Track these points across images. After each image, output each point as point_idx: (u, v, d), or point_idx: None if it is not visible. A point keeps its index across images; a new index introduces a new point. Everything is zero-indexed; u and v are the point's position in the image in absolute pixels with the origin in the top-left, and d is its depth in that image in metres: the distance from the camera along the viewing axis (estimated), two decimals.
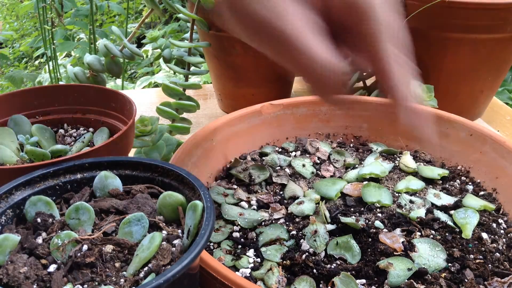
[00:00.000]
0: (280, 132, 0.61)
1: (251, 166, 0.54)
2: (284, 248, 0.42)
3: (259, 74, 0.73)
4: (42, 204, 0.36)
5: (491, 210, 0.48)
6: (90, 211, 0.35)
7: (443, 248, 0.42)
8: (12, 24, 3.11)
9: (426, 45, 0.67)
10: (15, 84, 1.62)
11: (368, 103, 0.61)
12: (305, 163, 0.55)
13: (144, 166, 0.40)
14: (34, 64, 2.56)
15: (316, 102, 0.61)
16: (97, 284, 0.30)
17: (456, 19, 0.62)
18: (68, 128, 0.58)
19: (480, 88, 0.71)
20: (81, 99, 0.57)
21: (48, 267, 0.32)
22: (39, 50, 2.20)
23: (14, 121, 0.54)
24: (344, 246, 0.42)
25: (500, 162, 0.51)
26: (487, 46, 0.65)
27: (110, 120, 0.57)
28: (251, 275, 0.40)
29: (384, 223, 0.45)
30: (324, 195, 0.50)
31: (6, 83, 2.17)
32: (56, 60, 1.26)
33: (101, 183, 0.39)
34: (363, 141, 0.62)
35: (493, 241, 0.44)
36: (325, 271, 0.39)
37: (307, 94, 0.85)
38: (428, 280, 0.39)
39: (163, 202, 0.36)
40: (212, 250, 0.43)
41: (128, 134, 0.48)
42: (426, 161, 0.57)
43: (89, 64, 0.58)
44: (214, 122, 0.55)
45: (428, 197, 0.49)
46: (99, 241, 0.33)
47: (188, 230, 0.33)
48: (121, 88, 1.47)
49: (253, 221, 0.46)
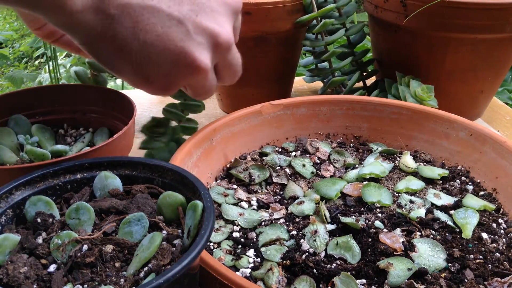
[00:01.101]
0: (280, 132, 0.61)
1: (251, 166, 0.54)
2: (284, 248, 0.42)
3: (259, 74, 0.73)
4: (42, 204, 0.36)
5: (491, 210, 0.48)
6: (90, 211, 0.35)
7: (443, 248, 0.42)
8: (12, 24, 3.11)
9: (426, 45, 0.67)
10: (15, 84, 1.62)
11: (368, 103, 0.61)
12: (305, 163, 0.55)
13: (144, 166, 0.40)
14: (34, 64, 2.56)
15: (316, 102, 0.61)
16: (97, 284, 0.30)
17: (456, 19, 0.62)
18: (68, 128, 0.58)
19: (480, 88, 0.71)
20: (81, 99, 0.57)
21: (48, 267, 0.32)
22: (39, 50, 2.20)
23: (14, 121, 0.54)
24: (344, 246, 0.42)
25: (500, 162, 0.51)
26: (487, 46, 0.65)
27: (110, 120, 0.57)
28: (251, 275, 0.40)
29: (384, 223, 0.45)
30: (324, 195, 0.50)
31: (6, 83, 2.16)
32: (56, 60, 1.26)
33: (101, 183, 0.39)
34: (363, 141, 0.62)
35: (493, 241, 0.44)
36: (325, 271, 0.39)
37: (307, 94, 0.85)
38: (428, 280, 0.39)
39: (163, 202, 0.36)
40: (212, 250, 0.43)
41: (128, 134, 0.48)
42: (426, 161, 0.57)
43: (90, 63, 0.58)
44: (214, 122, 0.55)
45: (428, 197, 0.49)
46: (99, 241, 0.33)
47: (188, 230, 0.33)
48: (121, 88, 1.47)
49: (253, 221, 0.46)
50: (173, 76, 0.37)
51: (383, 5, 0.68)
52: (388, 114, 0.60)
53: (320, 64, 0.77)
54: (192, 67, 0.36)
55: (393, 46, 0.73)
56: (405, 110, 0.59)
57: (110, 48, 0.34)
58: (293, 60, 0.76)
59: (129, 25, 0.33)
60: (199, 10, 0.36)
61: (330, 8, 0.68)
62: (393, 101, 0.60)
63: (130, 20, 0.33)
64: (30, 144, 0.51)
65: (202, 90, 0.41)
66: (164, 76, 0.36)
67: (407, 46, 0.70)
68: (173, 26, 0.34)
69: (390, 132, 0.60)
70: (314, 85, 0.90)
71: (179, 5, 0.35)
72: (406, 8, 0.65)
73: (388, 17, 0.68)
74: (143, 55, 0.34)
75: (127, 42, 0.33)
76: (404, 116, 0.59)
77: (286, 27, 0.68)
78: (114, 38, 0.33)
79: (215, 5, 0.37)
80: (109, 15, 0.32)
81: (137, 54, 0.34)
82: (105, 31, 0.33)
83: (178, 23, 0.35)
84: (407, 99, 0.63)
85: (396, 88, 0.66)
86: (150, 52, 0.34)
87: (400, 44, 0.71)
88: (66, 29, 0.33)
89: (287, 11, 0.66)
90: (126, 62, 0.35)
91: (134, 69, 0.35)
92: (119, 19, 0.32)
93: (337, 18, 0.72)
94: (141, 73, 0.35)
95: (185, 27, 0.35)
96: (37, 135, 0.53)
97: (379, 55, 0.78)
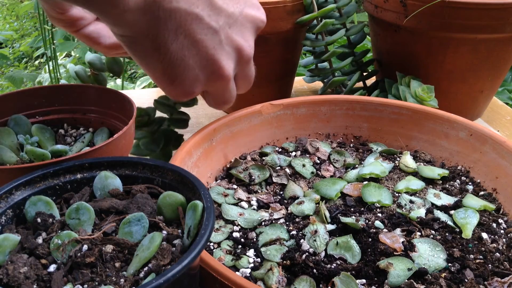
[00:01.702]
0: (280, 132, 0.61)
1: (251, 166, 0.54)
2: (284, 248, 0.42)
3: (259, 74, 0.72)
4: (42, 204, 0.36)
5: (491, 210, 0.48)
6: (90, 211, 0.35)
7: (443, 248, 0.42)
8: (12, 24, 3.11)
9: (426, 45, 0.67)
10: (15, 84, 1.62)
11: (368, 103, 0.61)
12: (305, 163, 0.55)
13: (144, 166, 0.40)
14: (34, 64, 2.56)
15: (316, 102, 0.61)
16: (97, 284, 0.30)
17: (456, 19, 0.62)
18: (68, 128, 0.58)
19: (480, 88, 0.71)
20: (81, 99, 0.57)
21: (48, 267, 0.32)
22: (39, 50, 2.20)
23: (14, 121, 0.54)
24: (344, 246, 0.42)
25: (500, 162, 0.51)
26: (487, 46, 0.65)
27: (110, 120, 0.57)
28: (251, 275, 0.40)
29: (384, 223, 0.45)
30: (324, 195, 0.50)
31: (6, 83, 2.16)
32: (56, 60, 1.26)
33: (101, 183, 0.39)
34: (363, 141, 0.62)
35: (493, 241, 0.44)
36: (325, 271, 0.39)
37: (307, 94, 0.85)
38: (428, 280, 0.39)
39: (163, 202, 0.36)
40: (212, 250, 0.43)
41: (128, 134, 0.48)
42: (426, 161, 0.57)
43: (90, 62, 0.57)
44: (214, 122, 0.55)
45: (428, 197, 0.49)
46: (99, 241, 0.33)
47: (188, 230, 0.33)
48: (121, 88, 1.47)
49: (253, 221, 0.46)
50: (198, 81, 0.39)
51: (383, 5, 0.68)
52: (388, 114, 0.60)
53: (320, 64, 0.77)
54: (217, 74, 0.39)
55: (393, 46, 0.73)
56: (405, 110, 0.59)
57: (149, 45, 0.36)
58: (293, 60, 0.76)
59: (172, 27, 0.35)
60: (232, 24, 0.39)
61: (330, 8, 0.68)
62: (393, 101, 0.60)
63: (174, 23, 0.35)
64: (30, 144, 0.51)
65: (222, 99, 0.44)
66: (189, 80, 0.38)
67: (407, 46, 0.70)
68: (209, 34, 0.37)
69: (390, 132, 0.60)
70: (314, 85, 0.90)
71: (218, 15, 0.37)
72: (406, 8, 0.65)
73: (388, 17, 0.68)
74: (177, 57, 0.37)
75: (166, 43, 0.36)
76: (404, 116, 0.59)
77: (286, 27, 0.68)
78: (156, 37, 0.35)
79: (245, 21, 0.41)
80: (157, 16, 0.34)
81: (172, 55, 0.36)
82: (149, 30, 0.35)
83: (214, 32, 0.37)
84: (407, 99, 0.63)
85: (396, 88, 0.66)
86: (184, 55, 0.37)
87: (400, 44, 0.71)
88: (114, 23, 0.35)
89: (287, 11, 0.66)
90: (159, 61, 0.37)
91: (164, 69, 0.37)
92: (165, 21, 0.35)
93: (338, 18, 0.72)
94: (169, 73, 0.38)
95: (219, 37, 0.38)
96: (37, 135, 0.53)
97: (379, 55, 0.78)
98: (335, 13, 0.73)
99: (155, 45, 0.36)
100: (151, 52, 0.36)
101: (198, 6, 0.36)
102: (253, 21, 0.41)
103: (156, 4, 0.34)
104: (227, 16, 0.38)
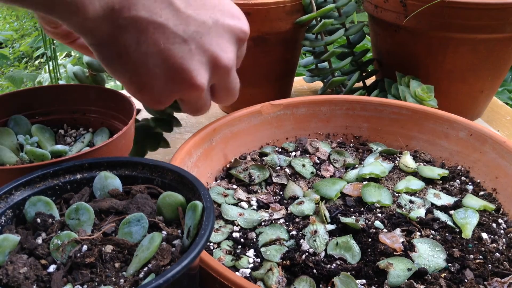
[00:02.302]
0: (280, 132, 0.61)
1: (251, 166, 0.54)
2: (284, 248, 0.42)
3: (259, 74, 0.73)
4: (42, 204, 0.36)
5: (491, 210, 0.48)
6: (90, 211, 0.35)
7: (443, 248, 0.42)
8: (12, 24, 3.11)
9: (426, 45, 0.67)
10: (15, 84, 1.62)
11: (368, 103, 0.60)
12: (305, 163, 0.55)
13: (144, 166, 0.40)
14: (34, 64, 2.56)
15: (316, 102, 0.61)
16: (97, 284, 0.30)
17: (456, 19, 0.62)
18: (68, 128, 0.58)
19: (480, 88, 0.71)
20: (81, 99, 0.57)
21: (48, 267, 0.32)
22: (39, 50, 2.20)
23: (14, 121, 0.54)
24: (344, 246, 0.42)
25: (500, 162, 0.51)
26: (487, 46, 0.65)
27: (110, 120, 0.57)
28: (251, 275, 0.40)
29: (384, 223, 0.45)
30: (324, 195, 0.50)
31: (6, 83, 2.16)
32: (56, 60, 1.26)
33: (101, 183, 0.39)
34: (363, 141, 0.62)
35: (493, 241, 0.44)
36: (325, 271, 0.39)
37: (307, 94, 0.85)
38: (428, 280, 0.39)
39: (163, 202, 0.36)
40: (212, 250, 0.43)
41: (128, 134, 0.48)
42: (426, 161, 0.57)
43: (88, 63, 0.57)
44: (214, 122, 0.55)
45: (428, 197, 0.49)
46: (99, 241, 0.33)
47: (188, 230, 0.33)
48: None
49: (253, 221, 0.46)
50: (168, 90, 0.39)
51: (383, 5, 0.68)
52: (388, 114, 0.60)
53: (320, 64, 0.77)
54: (188, 84, 0.38)
55: (393, 46, 0.73)
56: (405, 110, 0.59)
57: (113, 52, 0.36)
58: (293, 60, 0.76)
59: (133, 35, 0.35)
60: (204, 33, 0.38)
61: (329, 8, 0.68)
62: (393, 101, 0.60)
63: (135, 31, 0.35)
64: (30, 144, 0.51)
65: (195, 107, 0.44)
66: (157, 89, 0.38)
67: (407, 46, 0.70)
68: (176, 44, 0.37)
69: (390, 132, 0.60)
70: (314, 85, 0.90)
71: (186, 24, 0.37)
72: (406, 8, 0.65)
73: (388, 17, 0.68)
74: (141, 65, 0.36)
75: (128, 50, 0.36)
76: (404, 116, 0.59)
77: (285, 27, 0.68)
78: (117, 44, 0.36)
79: (221, 31, 0.39)
80: (118, 25, 0.35)
81: (136, 63, 0.36)
82: (110, 38, 0.35)
83: (182, 41, 0.37)
84: (407, 99, 0.63)
85: (396, 88, 0.66)
86: (148, 63, 0.36)
87: (400, 44, 0.71)
88: (78, 31, 0.35)
89: (286, 11, 0.66)
90: (124, 69, 0.37)
91: (130, 76, 0.37)
92: (125, 28, 0.35)
93: (337, 18, 0.72)
94: (135, 81, 0.38)
95: (188, 46, 0.37)
96: (37, 135, 0.53)
97: (379, 55, 0.78)
98: (334, 13, 0.73)
99: (117, 52, 0.36)
100: (116, 59, 0.36)
101: (161, 16, 0.35)
102: (231, 31, 0.40)
103: (115, 13, 0.34)
104: (198, 25, 0.38)
